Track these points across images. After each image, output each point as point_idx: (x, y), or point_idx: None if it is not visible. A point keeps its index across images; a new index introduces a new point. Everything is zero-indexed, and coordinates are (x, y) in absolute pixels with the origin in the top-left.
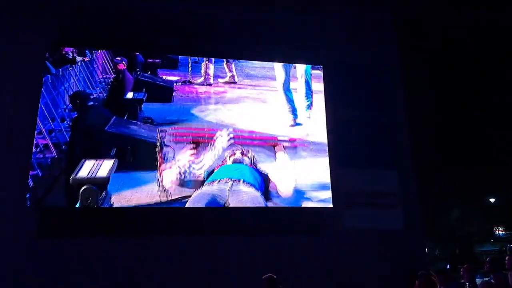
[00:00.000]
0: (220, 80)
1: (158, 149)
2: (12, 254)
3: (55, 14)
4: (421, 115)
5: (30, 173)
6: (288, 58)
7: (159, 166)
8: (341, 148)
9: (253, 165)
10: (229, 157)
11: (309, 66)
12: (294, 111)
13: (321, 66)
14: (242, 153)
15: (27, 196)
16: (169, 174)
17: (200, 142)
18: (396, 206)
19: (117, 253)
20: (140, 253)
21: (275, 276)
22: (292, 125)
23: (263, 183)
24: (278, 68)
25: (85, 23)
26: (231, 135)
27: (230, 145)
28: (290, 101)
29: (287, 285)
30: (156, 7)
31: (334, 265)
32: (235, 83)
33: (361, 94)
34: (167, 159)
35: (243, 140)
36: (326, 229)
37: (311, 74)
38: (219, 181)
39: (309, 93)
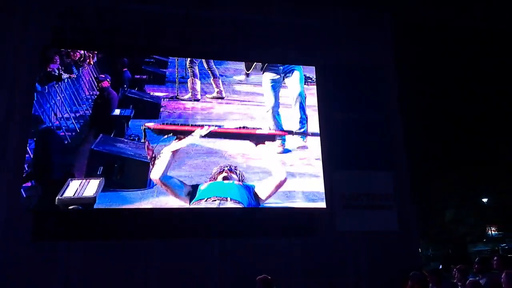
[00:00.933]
0: (207, 96)
1: (144, 141)
2: (5, 258)
3: (47, 17)
4: (415, 117)
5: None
6: (280, 59)
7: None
8: (335, 149)
9: (241, 182)
10: (217, 174)
11: (303, 89)
12: (283, 136)
13: (313, 67)
14: (230, 170)
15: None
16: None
17: (182, 133)
18: (390, 208)
19: (111, 256)
20: (135, 257)
21: (269, 277)
22: (281, 152)
23: (252, 198)
24: (267, 91)
25: (77, 26)
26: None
27: (208, 133)
28: (279, 125)
29: (281, 286)
30: (150, 9)
31: (328, 267)
32: (222, 98)
33: (355, 95)
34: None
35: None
36: (320, 231)
37: (305, 97)
38: (206, 200)
39: (304, 118)
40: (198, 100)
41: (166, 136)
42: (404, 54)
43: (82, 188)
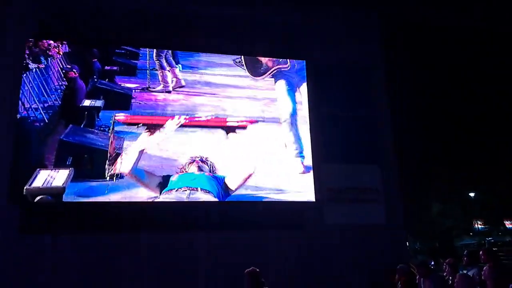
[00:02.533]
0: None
1: (111, 134)
2: None
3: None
4: (403, 112)
5: None
6: (272, 53)
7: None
8: (324, 143)
9: (212, 172)
10: (188, 165)
11: (295, 105)
12: (301, 152)
13: (304, 61)
14: (202, 161)
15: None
16: (126, 160)
17: (153, 125)
18: (378, 201)
19: (97, 249)
20: (123, 249)
21: (257, 270)
22: (303, 172)
23: (222, 189)
24: (282, 93)
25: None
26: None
27: (180, 126)
28: (298, 139)
29: (270, 279)
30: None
31: (315, 259)
32: (182, 86)
33: (344, 90)
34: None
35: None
36: (308, 224)
37: (296, 114)
38: (176, 190)
39: (299, 138)
40: (169, 91)
41: (137, 128)
42: (392, 51)
43: (51, 178)
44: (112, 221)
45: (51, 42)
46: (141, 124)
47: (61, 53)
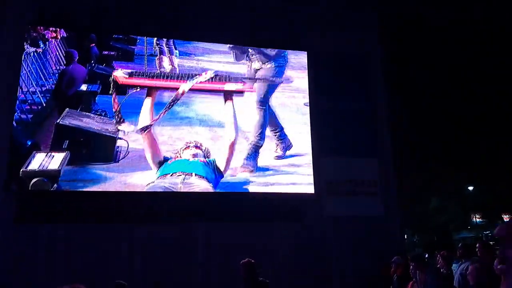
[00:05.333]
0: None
1: (112, 92)
2: None
3: None
4: (402, 105)
5: None
6: (273, 44)
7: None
8: (323, 135)
9: (206, 158)
10: (183, 150)
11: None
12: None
13: (305, 52)
14: (196, 146)
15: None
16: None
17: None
18: (376, 194)
19: (93, 239)
20: (119, 238)
21: (253, 261)
22: (280, 157)
23: (215, 172)
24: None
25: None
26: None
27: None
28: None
29: (267, 270)
30: None
31: (313, 251)
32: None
33: (342, 83)
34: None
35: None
36: (307, 216)
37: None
38: (171, 175)
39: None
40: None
41: (135, 90)
42: (392, 44)
43: (47, 161)
44: (108, 210)
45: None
46: (138, 89)
47: (59, 38)
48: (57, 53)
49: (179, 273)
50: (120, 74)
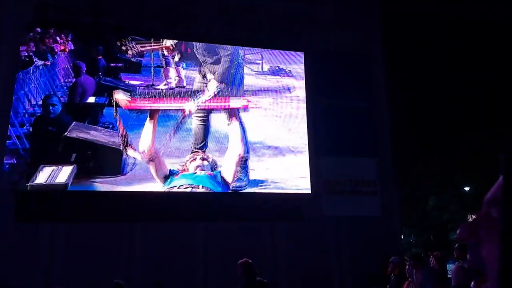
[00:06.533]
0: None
1: (116, 116)
2: None
3: None
4: (400, 104)
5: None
6: (270, 44)
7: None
8: (321, 135)
9: (213, 171)
10: (190, 162)
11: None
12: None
13: (303, 52)
14: (203, 158)
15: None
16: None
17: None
18: (375, 194)
19: (94, 238)
20: (119, 238)
21: (250, 261)
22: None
23: (220, 184)
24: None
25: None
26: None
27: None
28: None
29: (266, 269)
30: None
31: (311, 250)
32: (183, 87)
33: (341, 82)
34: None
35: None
36: (305, 215)
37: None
38: (178, 187)
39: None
40: (173, 88)
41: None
42: (392, 43)
43: (54, 174)
44: (108, 210)
45: (58, 38)
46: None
47: (67, 50)
48: (65, 66)
49: (179, 273)
50: (121, 97)
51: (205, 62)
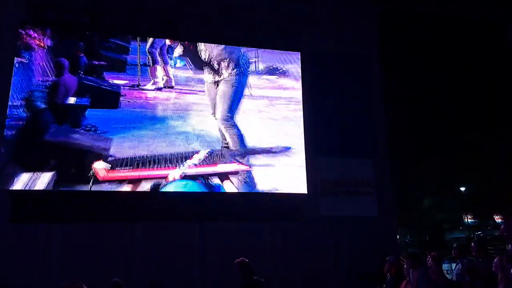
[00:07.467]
0: (153, 85)
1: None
2: None
3: None
4: (397, 106)
5: None
6: (266, 44)
7: None
8: (317, 136)
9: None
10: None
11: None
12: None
13: (299, 53)
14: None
15: None
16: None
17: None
18: (371, 194)
19: (91, 239)
20: (117, 237)
21: (246, 260)
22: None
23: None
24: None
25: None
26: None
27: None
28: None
29: (265, 269)
30: None
31: (308, 250)
32: (172, 87)
33: (338, 83)
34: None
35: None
36: (301, 216)
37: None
38: None
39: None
40: (160, 89)
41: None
42: (391, 43)
43: (33, 181)
44: (104, 210)
45: (34, 34)
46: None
47: (45, 47)
48: (43, 63)
49: (178, 273)
50: (100, 166)
51: (210, 63)
